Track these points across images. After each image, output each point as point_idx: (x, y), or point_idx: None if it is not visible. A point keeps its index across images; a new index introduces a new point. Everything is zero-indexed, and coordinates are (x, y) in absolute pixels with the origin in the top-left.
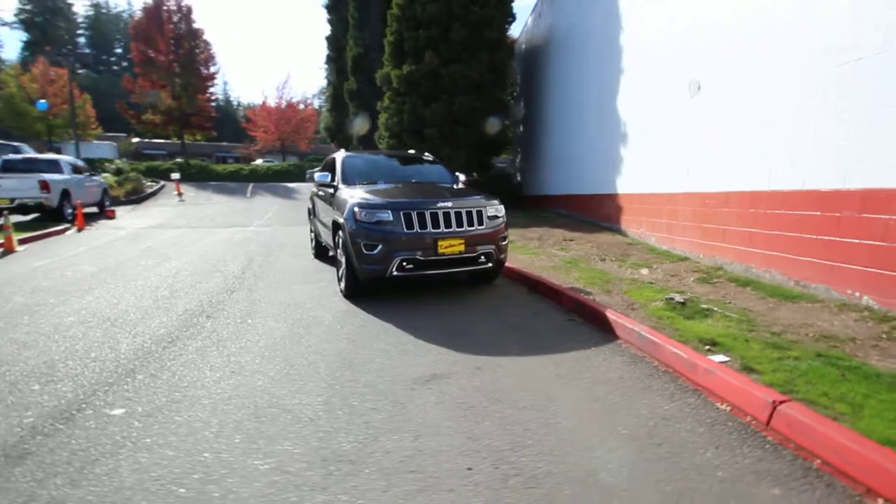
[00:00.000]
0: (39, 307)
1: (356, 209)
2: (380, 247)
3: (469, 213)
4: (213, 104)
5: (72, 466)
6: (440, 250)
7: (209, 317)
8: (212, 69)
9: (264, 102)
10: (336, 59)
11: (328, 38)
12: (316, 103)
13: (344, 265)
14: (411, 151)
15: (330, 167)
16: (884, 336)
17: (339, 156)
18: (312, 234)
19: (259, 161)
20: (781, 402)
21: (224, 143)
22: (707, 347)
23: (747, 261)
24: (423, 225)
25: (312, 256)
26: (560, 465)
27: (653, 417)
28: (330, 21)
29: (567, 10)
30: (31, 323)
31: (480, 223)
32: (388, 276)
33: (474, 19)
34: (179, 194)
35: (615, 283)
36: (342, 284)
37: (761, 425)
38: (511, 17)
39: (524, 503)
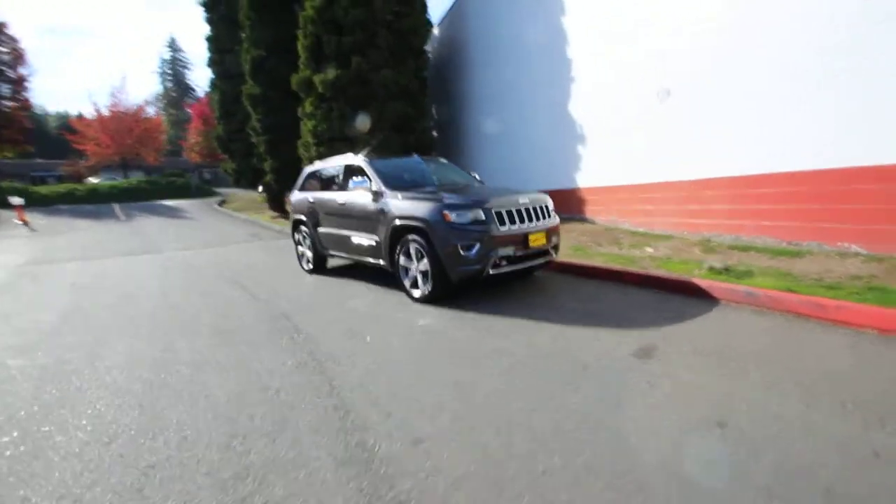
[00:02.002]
0: (70, 364)
1: (446, 211)
2: (477, 246)
3: (542, 208)
4: (27, 114)
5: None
6: (530, 244)
7: (315, 341)
8: (22, 71)
9: (81, 116)
10: (220, 61)
11: (209, 39)
12: (151, 111)
13: (417, 269)
14: (415, 155)
15: (351, 173)
16: (891, 270)
17: (361, 161)
18: (306, 248)
19: (94, 179)
20: None
21: (39, 161)
22: None
23: (735, 231)
24: (512, 221)
25: (305, 271)
26: (857, 387)
27: (845, 346)
28: (209, 20)
29: (499, 20)
30: (112, 385)
31: (550, 216)
32: (484, 275)
33: (400, 26)
34: (25, 223)
35: (641, 262)
36: (423, 289)
37: None
38: (430, 25)
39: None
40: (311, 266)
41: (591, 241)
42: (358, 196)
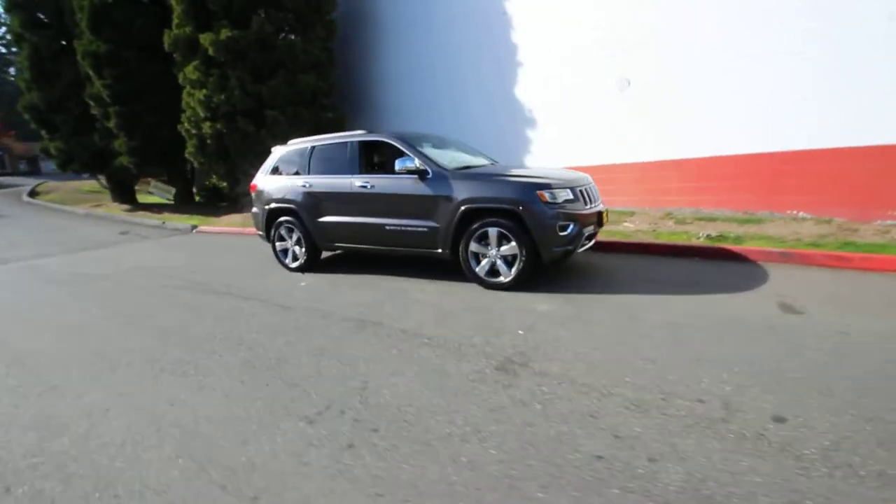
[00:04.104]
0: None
1: (539, 191)
2: (571, 226)
3: (595, 187)
4: None
5: None
6: (603, 222)
7: (463, 342)
8: None
9: None
10: (27, 4)
11: None
12: None
13: (498, 255)
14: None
15: (372, 152)
16: (842, 228)
17: (391, 138)
18: (291, 244)
19: None
20: None
21: None
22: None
23: (696, 205)
24: (590, 201)
25: (291, 269)
26: None
27: (890, 286)
28: None
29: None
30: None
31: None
32: (572, 254)
33: None
34: None
35: (636, 235)
36: (507, 275)
37: None
38: None
39: None
40: (299, 263)
41: None
42: (393, 178)
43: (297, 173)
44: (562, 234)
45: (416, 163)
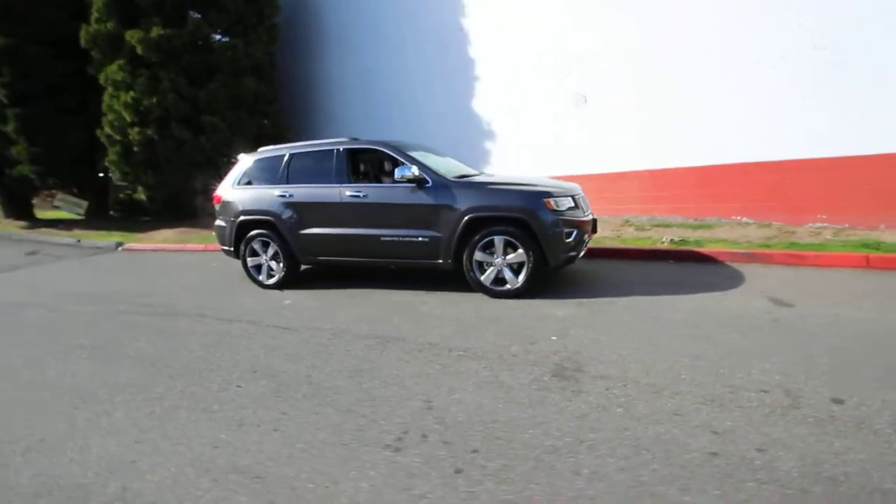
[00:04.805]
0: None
1: (546, 199)
2: (575, 232)
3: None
4: None
5: None
6: (596, 229)
7: (500, 354)
8: None
9: None
10: None
11: None
12: None
13: (504, 263)
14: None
15: (356, 160)
16: (782, 231)
17: (382, 146)
18: (266, 258)
19: None
20: (867, 256)
21: None
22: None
23: (651, 213)
24: (585, 209)
25: (264, 286)
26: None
27: (853, 277)
28: None
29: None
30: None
31: None
32: (575, 261)
33: None
34: None
35: (604, 241)
36: (514, 283)
37: (863, 266)
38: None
39: None
40: (276, 279)
41: None
42: (387, 186)
43: (271, 183)
44: (567, 240)
45: (415, 171)
